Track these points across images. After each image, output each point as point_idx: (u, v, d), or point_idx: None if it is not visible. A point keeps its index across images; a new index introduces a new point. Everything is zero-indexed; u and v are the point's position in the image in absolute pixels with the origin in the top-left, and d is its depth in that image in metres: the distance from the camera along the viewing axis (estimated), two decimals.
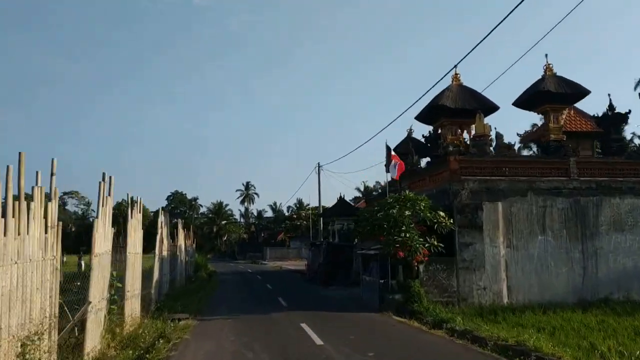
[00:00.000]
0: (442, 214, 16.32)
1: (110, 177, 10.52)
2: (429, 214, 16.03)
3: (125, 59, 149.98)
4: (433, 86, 19.22)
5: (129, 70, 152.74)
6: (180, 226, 25.14)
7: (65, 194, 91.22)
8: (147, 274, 15.78)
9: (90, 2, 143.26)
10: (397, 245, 15.51)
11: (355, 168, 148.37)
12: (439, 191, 18.21)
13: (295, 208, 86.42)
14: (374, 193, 38.39)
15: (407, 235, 15.47)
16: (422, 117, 22.17)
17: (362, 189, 75.91)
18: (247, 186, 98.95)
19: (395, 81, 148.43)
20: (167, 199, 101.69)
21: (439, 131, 22.46)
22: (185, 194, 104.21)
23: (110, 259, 10.32)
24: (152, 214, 57.06)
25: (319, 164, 42.50)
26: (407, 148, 23.84)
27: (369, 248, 19.74)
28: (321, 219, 40.60)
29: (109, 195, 10.29)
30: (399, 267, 16.48)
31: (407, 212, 15.80)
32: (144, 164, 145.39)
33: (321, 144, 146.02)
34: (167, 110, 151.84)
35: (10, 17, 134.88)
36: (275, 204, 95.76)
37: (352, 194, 72.99)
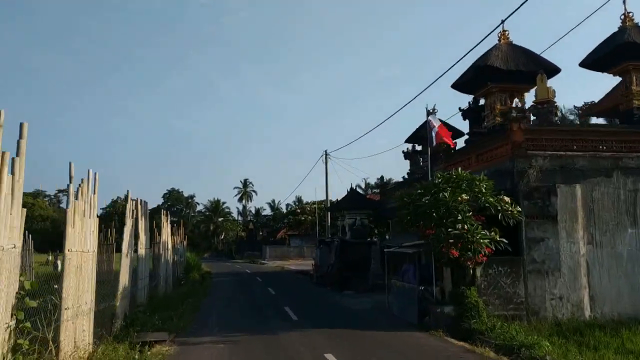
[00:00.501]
0: (507, 199, 12.21)
1: (20, 124, 6.42)
2: (491, 199, 11.89)
3: (118, 54, 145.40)
4: (476, 45, 15.31)
5: (123, 66, 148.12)
6: (165, 219, 20.80)
7: (59, 191, 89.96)
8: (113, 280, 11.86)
9: None
10: (451, 240, 11.39)
11: (360, 164, 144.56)
12: (493, 172, 14.07)
13: (295, 205, 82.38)
14: (388, 187, 34.18)
15: (466, 227, 11.34)
16: (461, 85, 18.03)
17: (363, 185, 71.76)
18: (245, 184, 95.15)
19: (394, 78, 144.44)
20: (163, 196, 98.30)
21: (481, 102, 18.37)
22: (182, 191, 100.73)
23: (20, 261, 6.19)
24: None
25: (326, 151, 38.04)
26: None
27: (399, 245, 15.63)
28: (329, 213, 36.36)
29: (18, 155, 6.19)
30: (447, 270, 12.42)
31: (464, 196, 11.64)
32: (141, 162, 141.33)
33: (321, 141, 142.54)
34: (165, 108, 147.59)
35: None
36: (273, 201, 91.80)
37: None
